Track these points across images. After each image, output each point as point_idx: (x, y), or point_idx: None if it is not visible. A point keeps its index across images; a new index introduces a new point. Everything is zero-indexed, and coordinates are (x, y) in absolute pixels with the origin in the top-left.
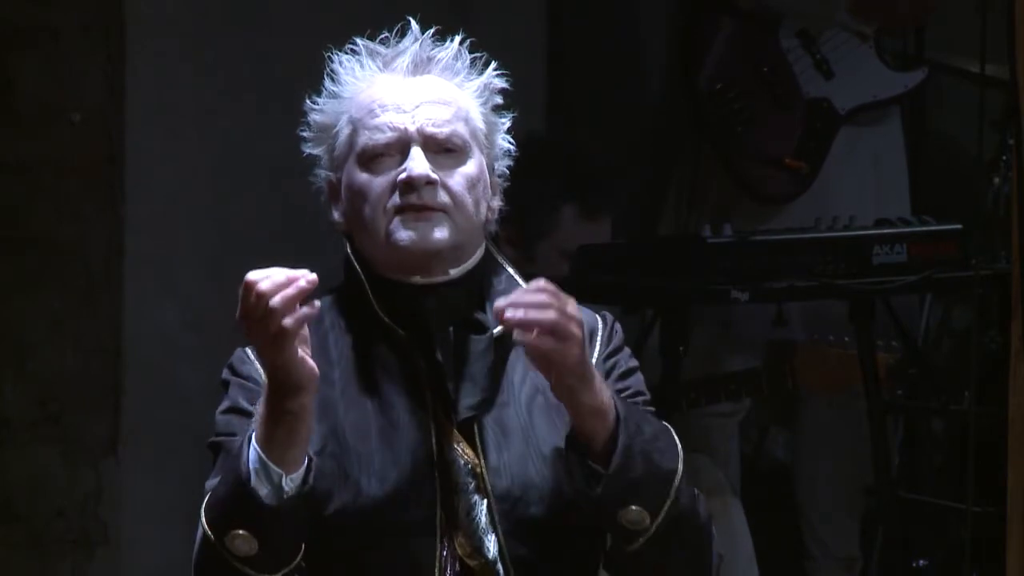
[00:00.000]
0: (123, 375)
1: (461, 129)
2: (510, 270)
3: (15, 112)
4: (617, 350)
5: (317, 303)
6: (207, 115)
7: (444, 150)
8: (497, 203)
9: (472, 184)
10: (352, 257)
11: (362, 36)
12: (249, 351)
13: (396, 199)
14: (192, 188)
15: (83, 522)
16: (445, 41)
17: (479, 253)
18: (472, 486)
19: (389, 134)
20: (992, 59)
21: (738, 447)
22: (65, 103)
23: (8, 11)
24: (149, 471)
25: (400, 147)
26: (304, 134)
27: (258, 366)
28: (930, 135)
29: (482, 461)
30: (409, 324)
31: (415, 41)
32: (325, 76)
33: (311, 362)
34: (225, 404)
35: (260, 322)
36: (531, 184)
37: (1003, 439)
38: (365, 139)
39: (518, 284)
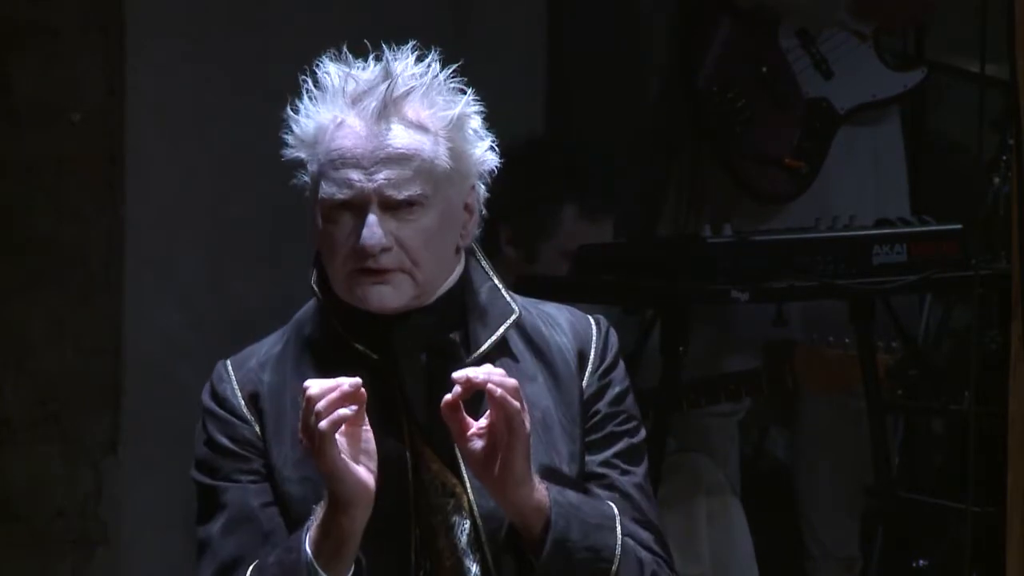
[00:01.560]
0: (123, 375)
1: (422, 184)
2: (494, 280)
3: (15, 112)
4: (612, 367)
5: (354, 408)
6: (207, 115)
7: (405, 205)
8: (476, 219)
9: (433, 236)
10: (316, 284)
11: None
12: (229, 364)
13: (355, 261)
14: (192, 188)
15: (83, 522)
16: (419, 64)
17: (456, 273)
18: (450, 506)
19: (347, 191)
20: (992, 59)
21: (738, 447)
22: (65, 103)
23: (8, 11)
24: (149, 471)
25: (358, 204)
26: (287, 139)
27: (235, 384)
28: (930, 135)
29: (467, 482)
30: (382, 348)
31: (386, 80)
32: (305, 86)
33: (363, 474)
34: (203, 436)
35: (307, 429)
36: (532, 184)
37: (1003, 439)
38: (324, 191)
39: (501, 295)
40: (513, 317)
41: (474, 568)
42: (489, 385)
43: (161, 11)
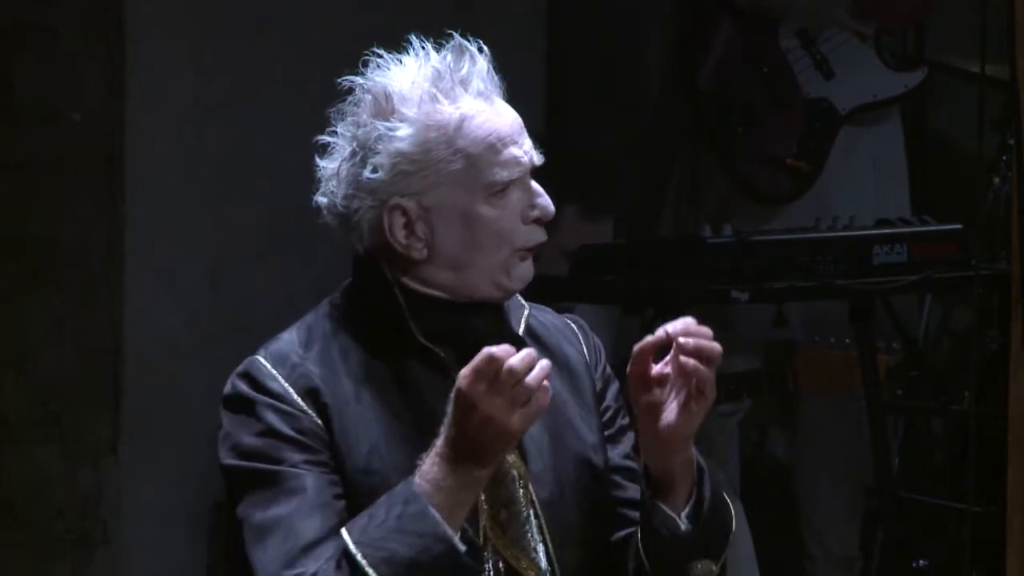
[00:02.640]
0: (123, 375)
1: None
2: None
3: (15, 112)
4: (602, 362)
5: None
6: (207, 115)
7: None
8: None
9: None
10: (392, 281)
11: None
12: (265, 361)
13: (531, 236)
14: (192, 188)
15: (83, 522)
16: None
17: None
18: (523, 496)
19: (517, 169)
20: (992, 59)
21: (738, 447)
22: (65, 103)
23: (8, 11)
24: (149, 471)
25: (522, 180)
26: (376, 160)
27: (283, 380)
28: (930, 135)
29: (526, 471)
30: (446, 343)
31: (470, 59)
32: (382, 94)
33: None
34: (256, 426)
35: (518, 400)
36: None
37: (1003, 439)
38: (495, 176)
39: (518, 302)
40: (526, 312)
41: (542, 556)
42: (681, 339)
43: (161, 11)
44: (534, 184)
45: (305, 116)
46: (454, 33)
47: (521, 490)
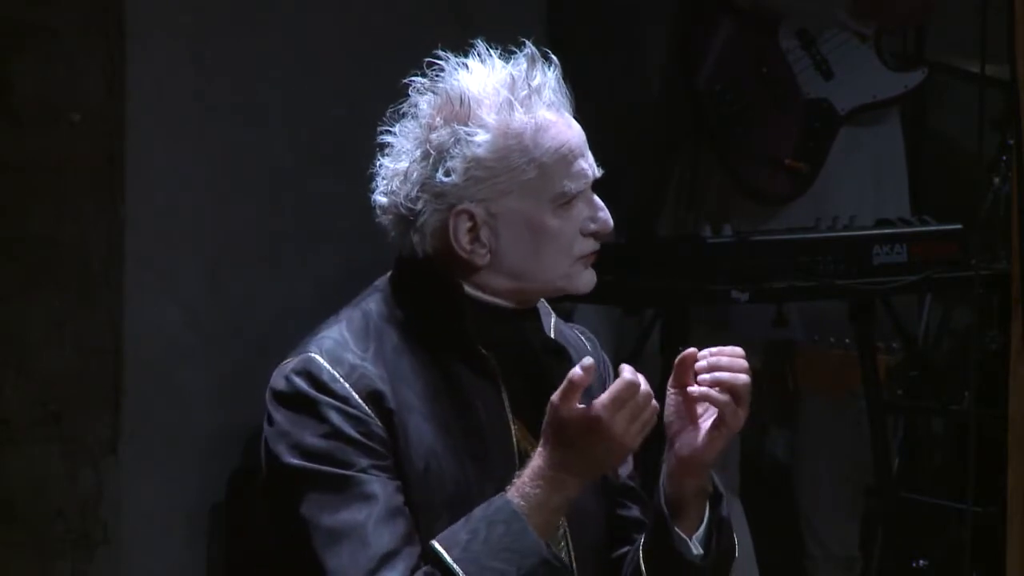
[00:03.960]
0: (123, 375)
1: None
2: None
3: (15, 112)
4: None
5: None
6: (207, 115)
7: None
8: None
9: None
10: (452, 284)
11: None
12: (323, 361)
13: (586, 246)
14: (192, 188)
15: (83, 522)
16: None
17: None
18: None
19: (583, 182)
20: (992, 59)
21: (738, 447)
22: (65, 103)
23: (8, 11)
24: (149, 471)
25: (587, 194)
26: (450, 164)
27: (344, 382)
28: (930, 135)
29: None
30: (496, 348)
31: (542, 69)
32: (457, 98)
33: None
34: (320, 428)
35: (644, 420)
36: None
37: (1003, 439)
38: (564, 187)
39: (547, 308)
40: (554, 316)
41: (568, 562)
42: (699, 364)
43: (161, 11)
44: (596, 198)
45: (305, 116)
46: (526, 41)
47: None
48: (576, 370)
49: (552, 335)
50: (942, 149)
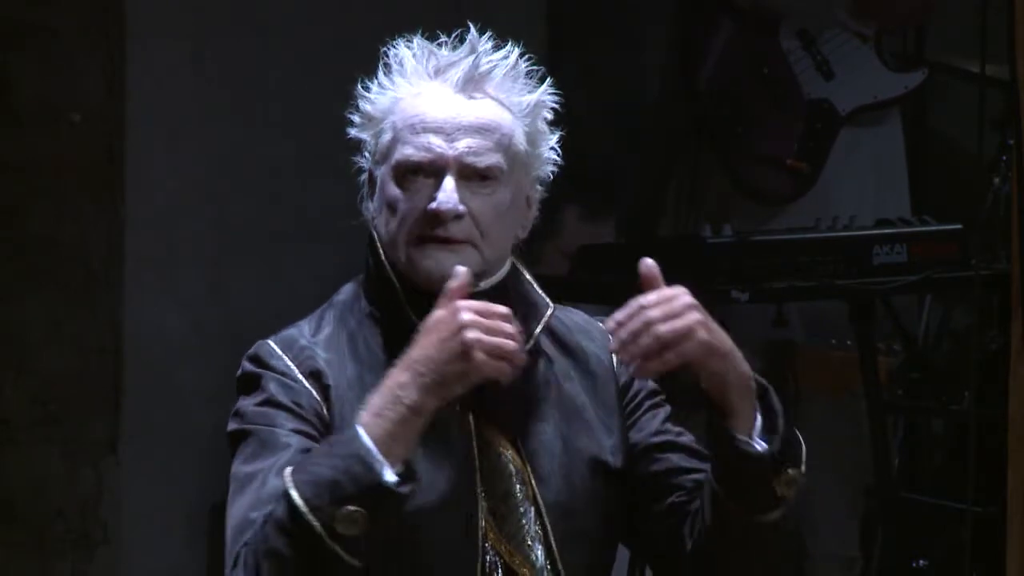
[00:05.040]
0: (123, 375)
1: (500, 159)
2: (528, 276)
3: (15, 112)
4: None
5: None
6: (207, 115)
7: (479, 177)
8: (532, 215)
9: (503, 213)
10: (384, 260)
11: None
12: (274, 345)
13: (422, 227)
14: (192, 188)
15: (83, 522)
16: (500, 50)
17: (506, 266)
18: (522, 494)
19: (425, 155)
20: (992, 59)
21: None
22: (65, 103)
23: (8, 10)
24: (149, 471)
25: (435, 170)
26: (352, 117)
27: (289, 361)
28: (930, 135)
29: (529, 470)
30: None
31: (471, 53)
32: (380, 65)
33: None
34: (259, 396)
35: (498, 351)
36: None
37: (1003, 439)
38: (402, 153)
39: (536, 290)
40: (550, 311)
41: (540, 555)
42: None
43: (161, 12)
44: (448, 181)
45: (305, 116)
46: (472, 28)
47: (520, 486)
48: (453, 279)
49: (539, 328)
50: (942, 149)
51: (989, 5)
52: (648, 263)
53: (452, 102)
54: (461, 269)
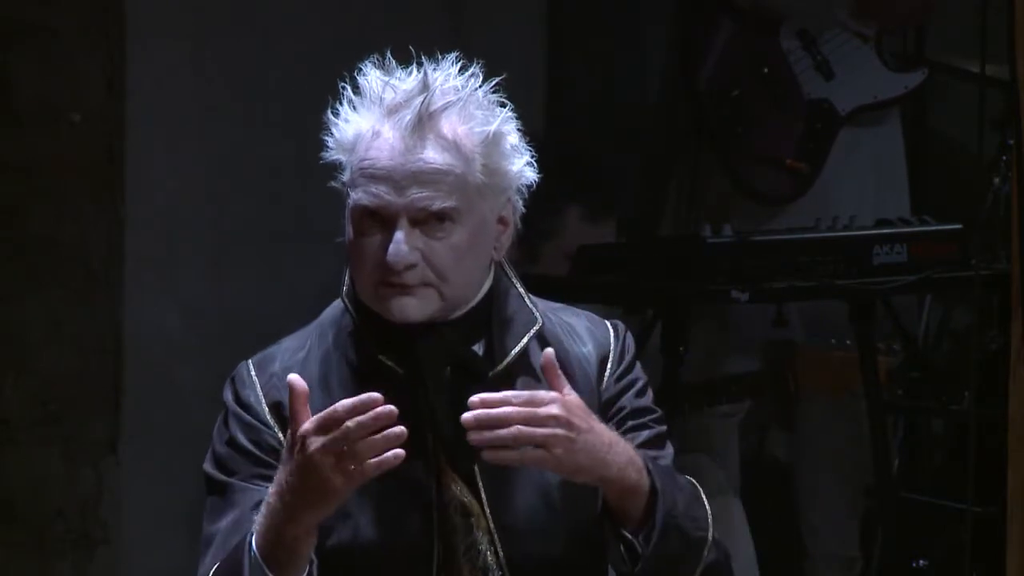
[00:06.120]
0: (123, 375)
1: (453, 201)
2: (519, 288)
3: (15, 112)
4: (628, 370)
5: (401, 453)
6: (207, 115)
7: (435, 219)
8: (511, 232)
9: (463, 252)
10: (349, 291)
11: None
12: (251, 368)
13: (381, 273)
14: (192, 188)
15: (83, 522)
16: (458, 71)
17: (485, 287)
18: (471, 525)
19: (377, 202)
20: (992, 59)
21: (738, 447)
22: (65, 103)
23: (7, 10)
24: (149, 471)
25: (387, 217)
26: (327, 141)
27: (259, 389)
28: (930, 135)
29: (484, 499)
30: (407, 362)
31: (423, 93)
32: (345, 91)
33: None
34: (226, 434)
35: (348, 456)
36: (532, 185)
37: (1003, 439)
38: (354, 198)
39: (525, 304)
40: (536, 327)
41: None
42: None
43: (161, 11)
44: (399, 233)
45: (305, 116)
46: (426, 61)
47: (470, 519)
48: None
49: (520, 346)
50: (942, 149)
51: (989, 5)
52: (548, 353)
53: (401, 149)
54: (294, 377)
